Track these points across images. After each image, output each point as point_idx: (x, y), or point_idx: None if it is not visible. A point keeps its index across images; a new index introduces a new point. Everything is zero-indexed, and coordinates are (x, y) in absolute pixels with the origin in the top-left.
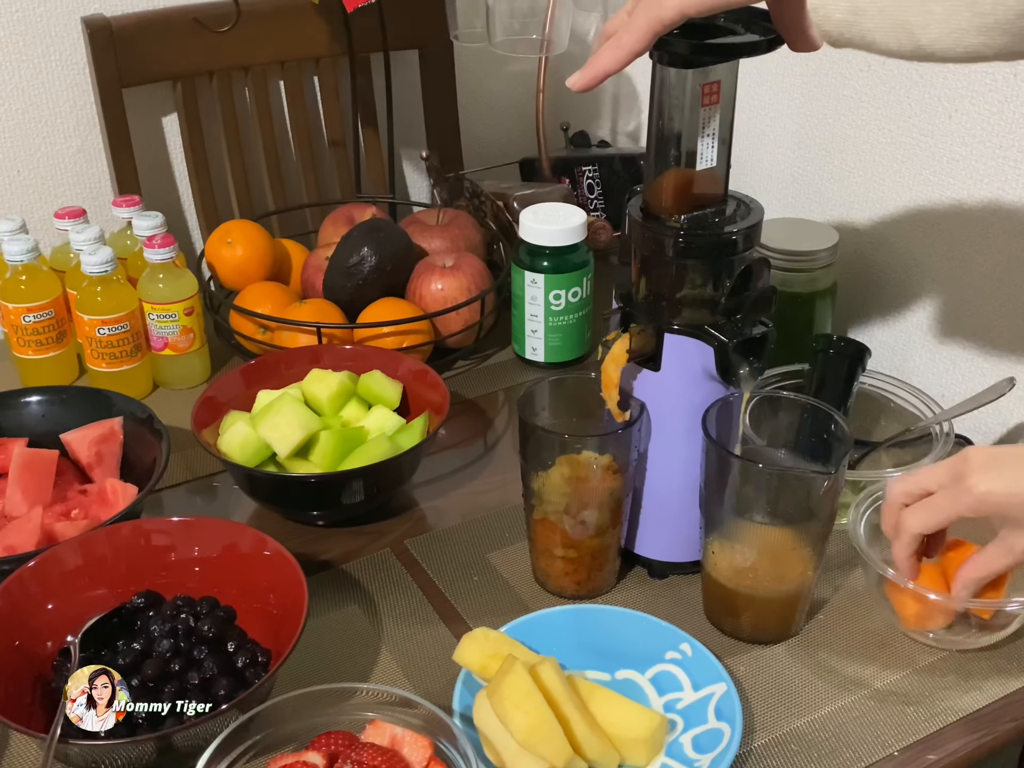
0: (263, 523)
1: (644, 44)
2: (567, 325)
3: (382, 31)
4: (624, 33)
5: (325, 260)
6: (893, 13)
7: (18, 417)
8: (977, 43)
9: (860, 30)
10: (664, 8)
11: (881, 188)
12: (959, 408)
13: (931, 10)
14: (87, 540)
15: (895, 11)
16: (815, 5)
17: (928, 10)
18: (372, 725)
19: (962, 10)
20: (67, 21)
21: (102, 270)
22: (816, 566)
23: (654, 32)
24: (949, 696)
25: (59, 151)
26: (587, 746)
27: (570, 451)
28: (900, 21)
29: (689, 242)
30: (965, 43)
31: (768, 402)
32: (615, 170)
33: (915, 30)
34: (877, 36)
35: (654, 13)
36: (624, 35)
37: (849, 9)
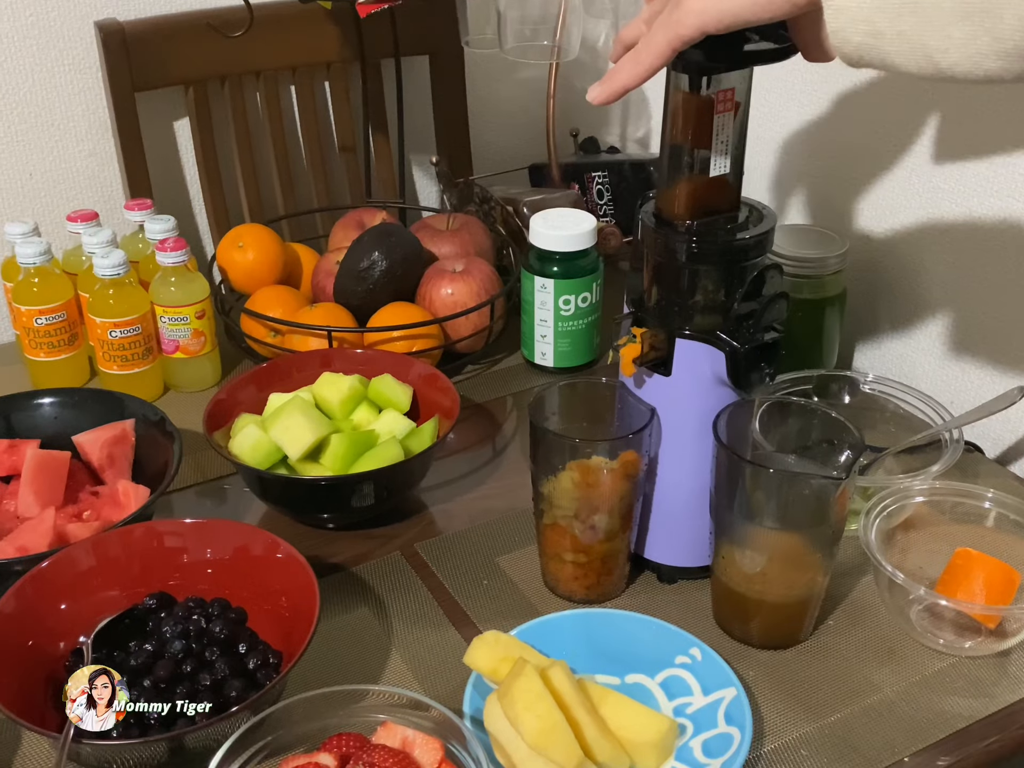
0: (273, 526)
1: (663, 60)
2: (576, 330)
3: (394, 37)
4: (643, 49)
5: (336, 264)
6: (912, 37)
7: (30, 419)
8: (997, 67)
9: (879, 53)
10: (683, 25)
11: (891, 195)
12: (969, 416)
13: (950, 35)
14: (100, 541)
15: (914, 35)
16: (834, 28)
17: (947, 35)
18: (383, 727)
19: (981, 35)
20: (80, 25)
21: (114, 273)
22: (826, 572)
23: (673, 49)
24: (959, 702)
25: (72, 155)
26: (597, 749)
27: (580, 456)
28: (919, 45)
29: (702, 248)
30: (984, 67)
31: (778, 407)
32: (624, 176)
33: (934, 54)
34: (896, 59)
35: (673, 31)
36: (643, 51)
37: (868, 32)
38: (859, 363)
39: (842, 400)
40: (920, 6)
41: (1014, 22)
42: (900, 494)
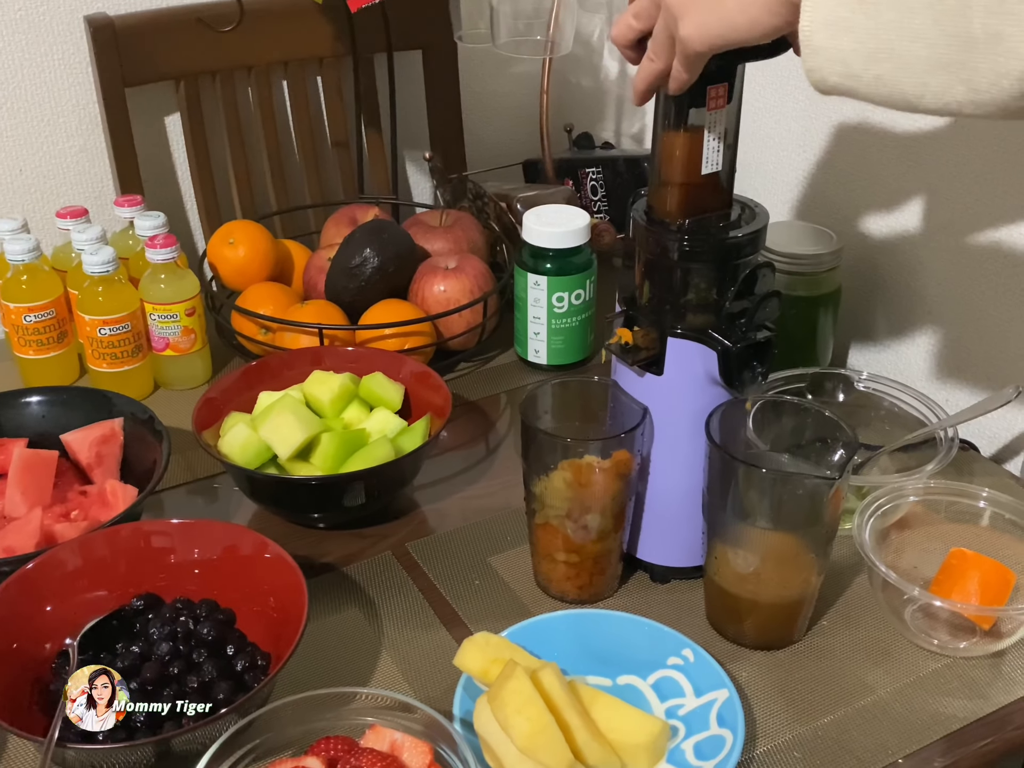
0: (263, 525)
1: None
2: (570, 328)
3: (386, 31)
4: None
5: (327, 261)
6: (888, 82)
7: (18, 417)
8: (974, 113)
9: (855, 93)
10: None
11: (886, 192)
12: (964, 414)
13: (926, 83)
14: (87, 542)
15: (890, 80)
16: (810, 67)
17: (923, 82)
18: (372, 730)
19: (957, 85)
20: (70, 20)
21: (104, 270)
22: (819, 572)
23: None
24: (953, 703)
25: (61, 150)
26: (588, 752)
27: (572, 455)
28: (896, 90)
29: (694, 246)
30: (963, 113)
31: (771, 406)
32: (619, 172)
33: (911, 99)
34: (874, 99)
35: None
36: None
37: (844, 74)
38: (854, 361)
39: (836, 398)
40: (896, 53)
41: (990, 76)
42: (894, 493)
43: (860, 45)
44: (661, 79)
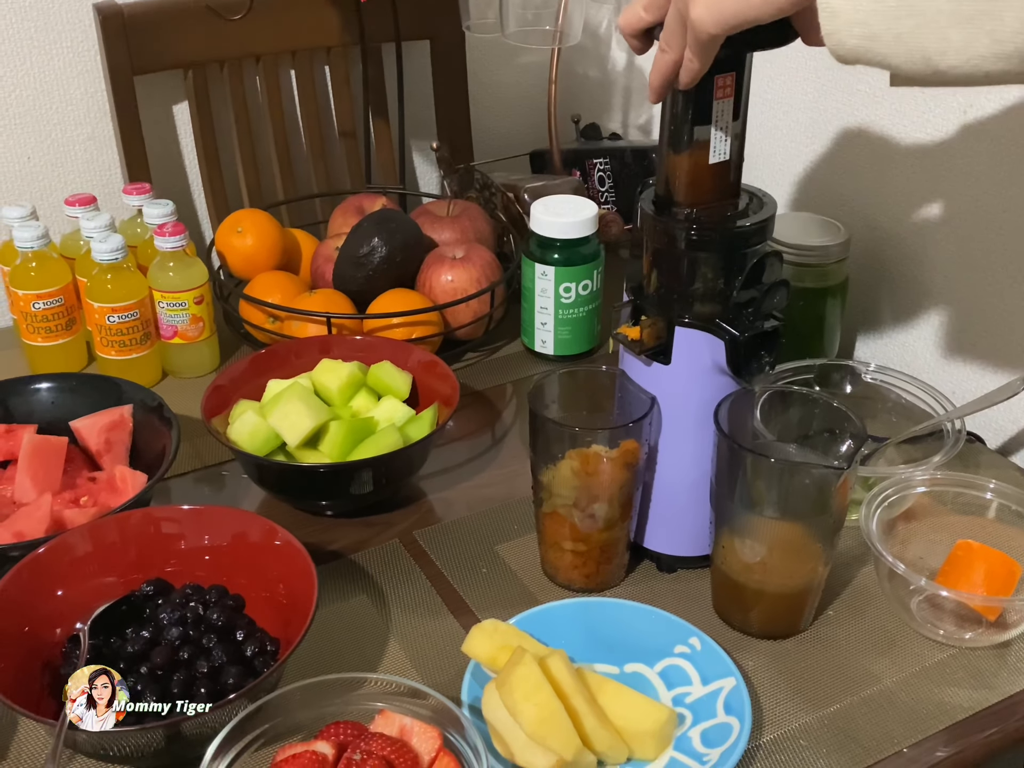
0: (271, 512)
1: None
2: (577, 318)
3: (394, 21)
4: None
5: (335, 250)
6: (909, 40)
7: (28, 404)
8: (996, 70)
9: (875, 56)
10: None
11: (894, 184)
12: (971, 406)
13: (948, 37)
14: (97, 527)
15: (911, 38)
16: (828, 31)
17: (946, 37)
18: (381, 715)
19: (981, 37)
20: (79, 8)
21: (112, 258)
22: (826, 561)
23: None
24: (959, 693)
25: (70, 138)
26: (596, 739)
27: (580, 444)
28: (917, 48)
29: (701, 235)
30: (984, 69)
31: (779, 396)
32: (626, 163)
33: (933, 56)
34: (893, 61)
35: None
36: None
37: (864, 35)
38: (861, 353)
39: (843, 390)
40: (917, 9)
41: (1015, 24)
42: (901, 484)
43: (880, 4)
44: (676, 71)
